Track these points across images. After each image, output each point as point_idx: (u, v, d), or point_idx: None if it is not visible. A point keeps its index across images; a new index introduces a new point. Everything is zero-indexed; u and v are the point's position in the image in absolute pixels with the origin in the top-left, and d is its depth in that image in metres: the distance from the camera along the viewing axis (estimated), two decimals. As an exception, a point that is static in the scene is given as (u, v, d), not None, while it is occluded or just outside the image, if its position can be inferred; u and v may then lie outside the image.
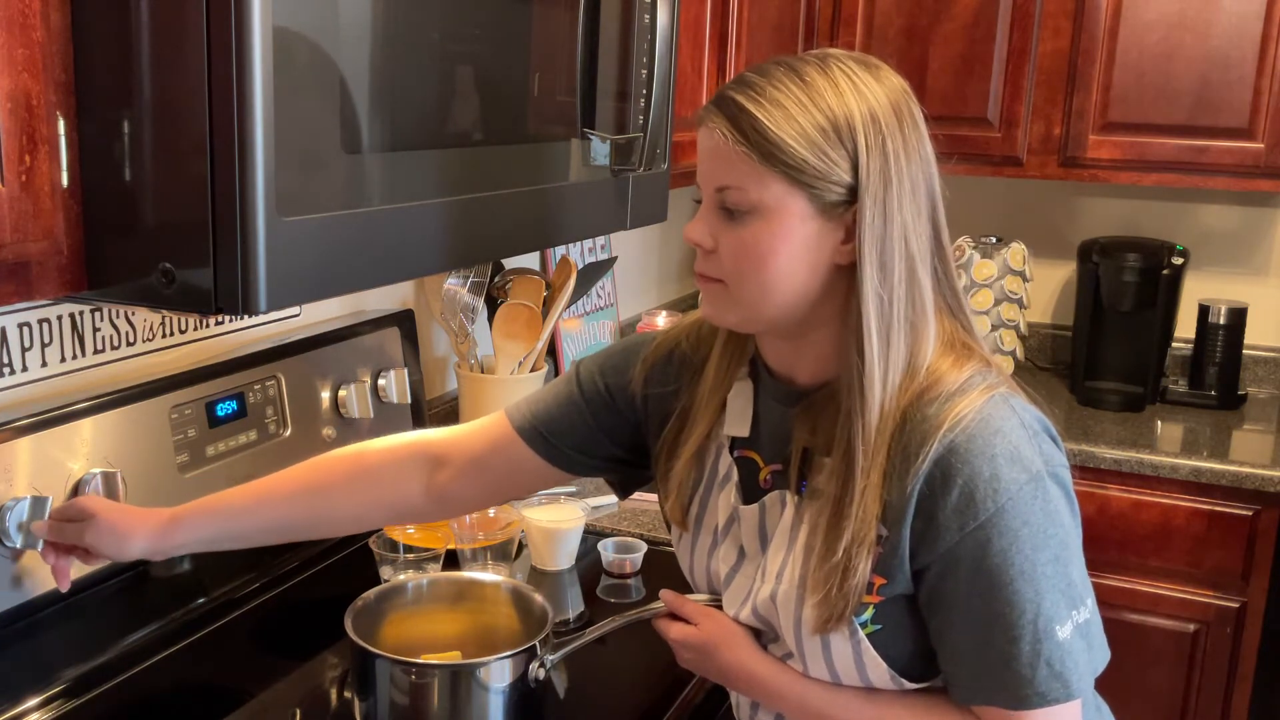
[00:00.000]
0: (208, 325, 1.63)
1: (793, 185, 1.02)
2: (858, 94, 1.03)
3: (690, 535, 1.23)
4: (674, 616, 1.21)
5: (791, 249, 1.04)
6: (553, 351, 2.47)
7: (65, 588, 1.27)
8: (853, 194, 1.03)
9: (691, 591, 1.25)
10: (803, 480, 1.11)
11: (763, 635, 1.17)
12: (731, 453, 1.19)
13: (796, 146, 1.01)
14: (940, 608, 1.05)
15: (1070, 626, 1.03)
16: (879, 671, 1.08)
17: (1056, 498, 1.04)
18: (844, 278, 1.06)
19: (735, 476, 1.18)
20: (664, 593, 1.22)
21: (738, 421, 1.17)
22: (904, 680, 1.08)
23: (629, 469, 1.32)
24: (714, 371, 1.20)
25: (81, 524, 1.24)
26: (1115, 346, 2.84)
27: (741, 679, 1.16)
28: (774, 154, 1.02)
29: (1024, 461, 1.02)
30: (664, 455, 1.23)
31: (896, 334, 1.04)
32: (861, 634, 1.07)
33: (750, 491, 1.17)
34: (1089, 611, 1.05)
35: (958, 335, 1.10)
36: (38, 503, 1.26)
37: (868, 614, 1.06)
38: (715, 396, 1.19)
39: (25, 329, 1.37)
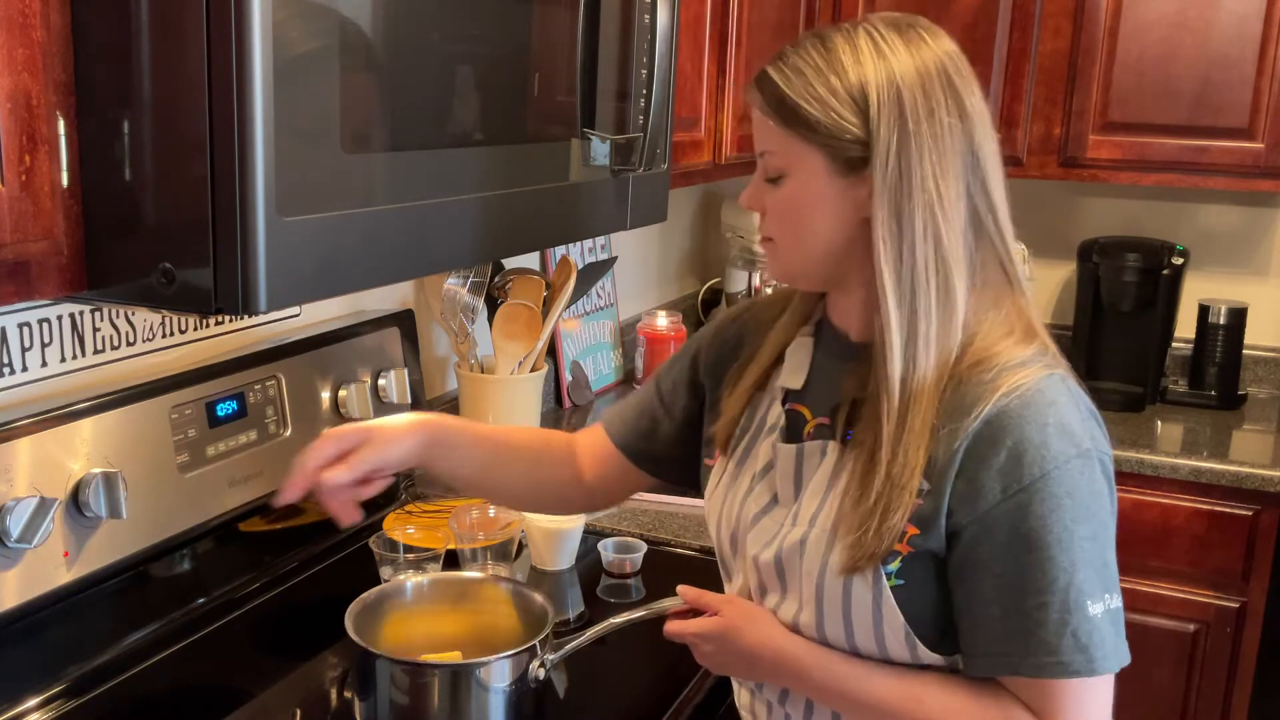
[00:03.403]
0: (208, 325, 1.63)
1: (810, 145, 1.09)
2: (877, 55, 1.07)
3: (728, 476, 1.25)
4: (682, 617, 1.22)
5: (817, 205, 1.10)
6: (553, 351, 2.47)
7: (355, 518, 1.21)
8: (869, 150, 1.07)
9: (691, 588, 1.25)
10: (848, 430, 1.14)
11: (766, 597, 1.18)
12: (783, 404, 1.22)
13: (808, 107, 1.08)
14: (971, 571, 1.06)
15: (1101, 607, 1.04)
16: (895, 626, 1.08)
17: (1101, 481, 1.06)
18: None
19: (782, 424, 1.21)
20: (681, 588, 1.23)
21: (794, 374, 1.21)
22: (917, 641, 1.09)
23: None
24: (784, 322, 1.26)
25: (360, 429, 1.23)
26: (1115, 346, 2.84)
27: (767, 657, 1.16)
28: (789, 116, 1.09)
29: (1075, 437, 1.05)
30: (727, 386, 1.28)
31: (923, 288, 1.07)
32: (885, 584, 1.07)
33: (793, 439, 1.20)
34: (1119, 602, 1.06)
35: (1021, 315, 1.13)
36: (43, 504, 1.26)
37: (894, 565, 1.07)
38: (778, 339, 1.25)
39: (25, 329, 1.37)
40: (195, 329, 1.61)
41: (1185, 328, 2.87)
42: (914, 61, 1.07)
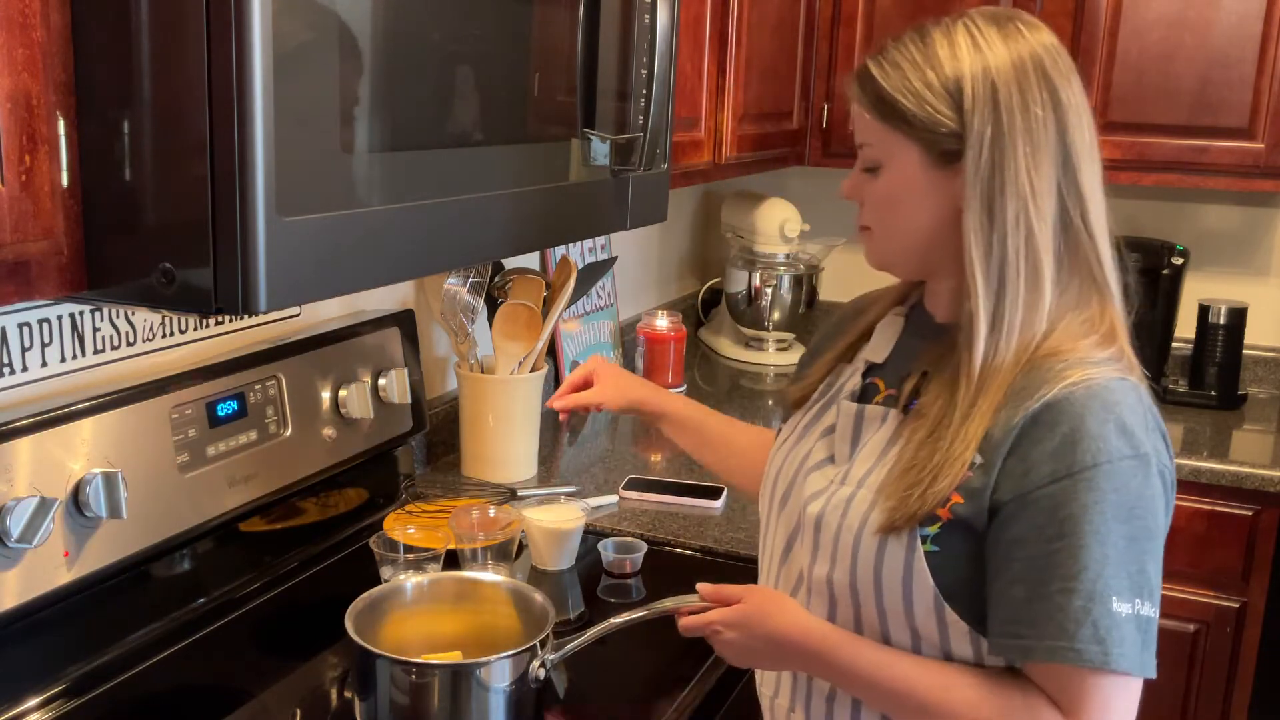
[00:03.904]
0: (208, 325, 1.63)
1: (907, 138, 1.12)
2: (974, 50, 1.10)
3: (796, 434, 1.28)
4: (692, 617, 1.22)
5: (913, 196, 1.14)
6: (553, 351, 2.47)
7: (564, 420, 1.64)
8: (963, 142, 1.09)
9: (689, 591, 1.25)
10: (912, 399, 1.16)
11: (800, 552, 1.19)
12: (864, 377, 1.25)
13: (904, 101, 1.11)
14: (1004, 548, 1.06)
15: (1129, 609, 1.03)
16: (924, 590, 1.09)
17: (1156, 489, 1.06)
18: None
19: (855, 390, 1.24)
20: (701, 586, 1.24)
21: (879, 349, 1.26)
22: (945, 605, 1.09)
23: None
24: (881, 303, 1.30)
25: (607, 372, 1.55)
26: (1115, 346, 2.83)
27: (794, 639, 1.16)
28: (887, 110, 1.13)
29: (1134, 440, 1.05)
30: (815, 355, 1.34)
31: (1012, 280, 1.09)
32: (920, 548, 1.09)
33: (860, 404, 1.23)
34: (1152, 613, 1.05)
35: (1105, 319, 1.14)
36: (43, 504, 1.26)
37: (933, 529, 1.08)
38: (871, 317, 1.30)
39: (25, 329, 1.37)
40: (195, 329, 1.61)
41: (1185, 328, 2.86)
42: (1010, 55, 1.10)
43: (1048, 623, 1.03)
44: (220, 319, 1.64)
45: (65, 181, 0.97)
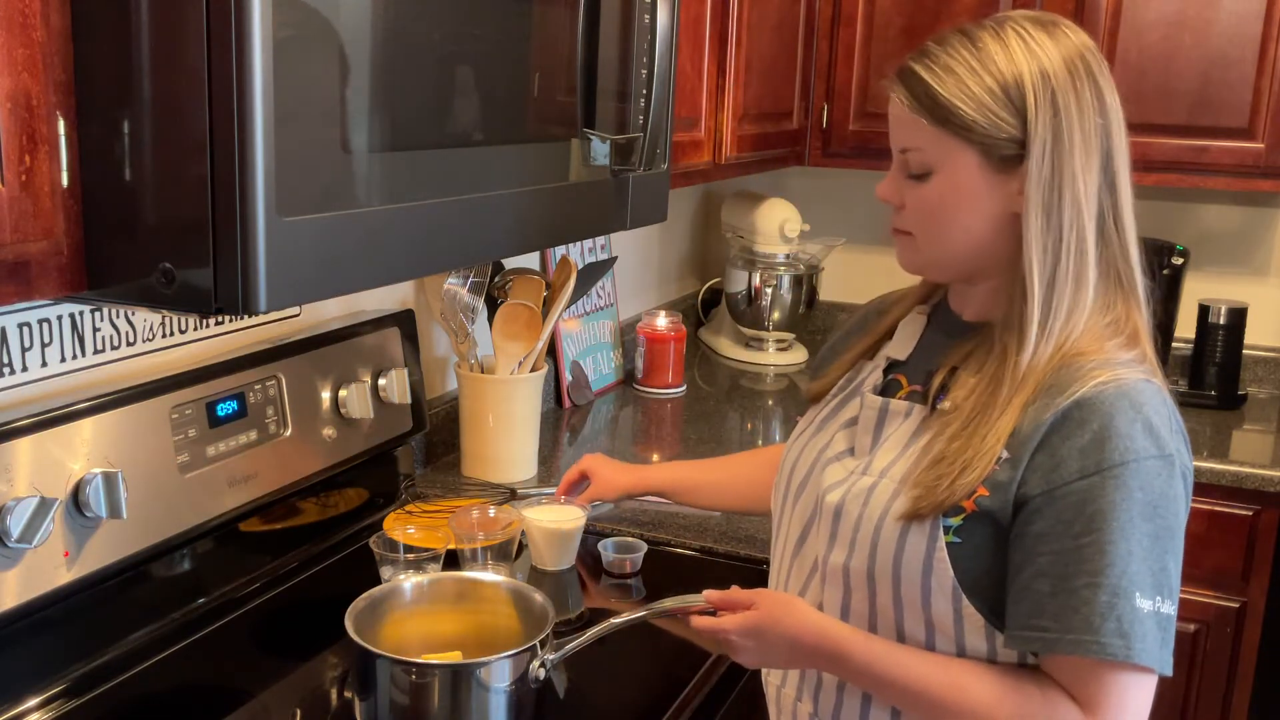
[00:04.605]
0: (208, 325, 1.63)
1: (965, 144, 1.11)
2: (1029, 53, 1.10)
3: (815, 425, 1.29)
4: (703, 617, 1.22)
5: (968, 203, 1.13)
6: (553, 351, 2.47)
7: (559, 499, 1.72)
8: (1024, 148, 1.09)
9: (691, 594, 1.25)
10: (938, 396, 1.16)
11: (815, 542, 1.19)
12: (886, 373, 1.26)
13: (965, 108, 1.10)
14: (1030, 542, 1.07)
15: (1150, 605, 1.04)
16: (943, 579, 1.09)
17: (1178, 489, 1.08)
18: (1019, 226, 1.13)
19: (878, 385, 1.25)
20: (708, 593, 1.24)
21: (901, 346, 1.26)
22: (964, 597, 1.09)
23: None
24: (905, 303, 1.31)
25: (599, 471, 1.69)
26: (1115, 346, 2.83)
27: (808, 640, 1.16)
28: (946, 117, 1.11)
29: (1160, 441, 1.07)
30: (837, 351, 1.36)
31: (1062, 282, 1.10)
32: (942, 537, 1.09)
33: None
34: (1171, 611, 1.07)
35: (1130, 321, 1.14)
36: (43, 504, 1.26)
37: (956, 520, 1.09)
38: (895, 315, 1.30)
39: (25, 329, 1.37)
40: (195, 329, 1.61)
41: (1185, 328, 2.86)
42: (1062, 57, 1.10)
43: (1072, 616, 1.04)
44: (220, 319, 1.64)
45: (65, 181, 0.97)
